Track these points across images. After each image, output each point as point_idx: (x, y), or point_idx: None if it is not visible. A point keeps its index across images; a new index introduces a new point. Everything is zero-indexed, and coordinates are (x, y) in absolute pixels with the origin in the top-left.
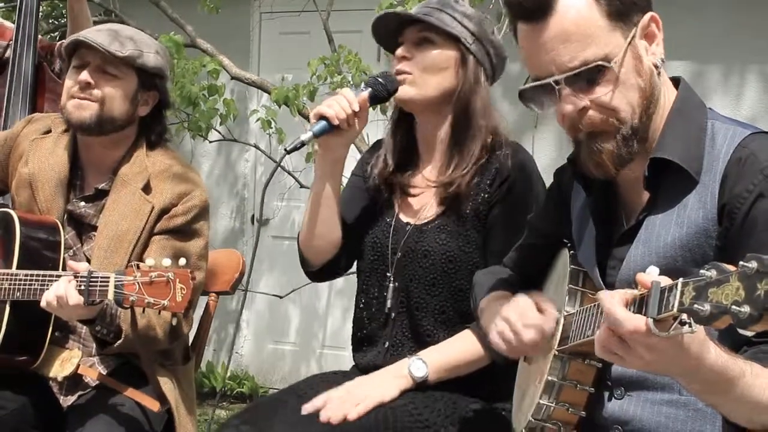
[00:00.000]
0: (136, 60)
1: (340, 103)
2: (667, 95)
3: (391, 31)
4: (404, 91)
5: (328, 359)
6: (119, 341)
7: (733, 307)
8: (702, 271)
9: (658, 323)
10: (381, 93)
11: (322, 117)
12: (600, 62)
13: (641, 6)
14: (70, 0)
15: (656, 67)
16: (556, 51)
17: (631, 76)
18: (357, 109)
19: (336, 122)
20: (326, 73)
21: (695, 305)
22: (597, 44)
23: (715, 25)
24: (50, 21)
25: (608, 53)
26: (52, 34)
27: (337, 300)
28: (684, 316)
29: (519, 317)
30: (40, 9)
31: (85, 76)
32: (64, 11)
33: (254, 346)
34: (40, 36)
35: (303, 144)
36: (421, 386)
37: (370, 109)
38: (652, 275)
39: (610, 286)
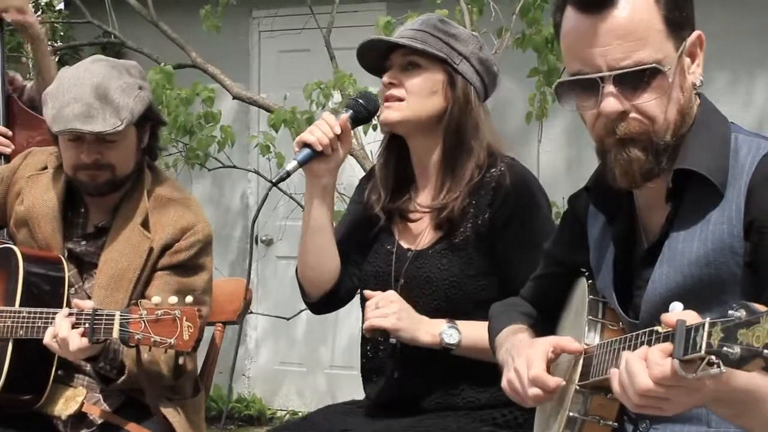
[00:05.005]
0: (132, 120)
1: (321, 128)
2: (694, 113)
3: (378, 57)
4: (393, 115)
5: (336, 380)
6: (123, 377)
7: (766, 351)
8: (730, 311)
9: (685, 364)
10: (362, 114)
11: (305, 144)
12: (656, 65)
13: (691, 23)
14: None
15: (695, 86)
16: (609, 46)
17: (676, 90)
18: (339, 132)
19: (319, 148)
20: (322, 97)
21: (724, 348)
22: (652, 47)
23: (720, 29)
24: (48, 45)
25: (662, 59)
26: (51, 57)
27: (344, 319)
28: (712, 358)
29: (526, 369)
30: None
31: (88, 157)
32: (62, 33)
33: (261, 367)
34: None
35: (289, 174)
36: (443, 351)
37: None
38: (675, 312)
39: (637, 308)
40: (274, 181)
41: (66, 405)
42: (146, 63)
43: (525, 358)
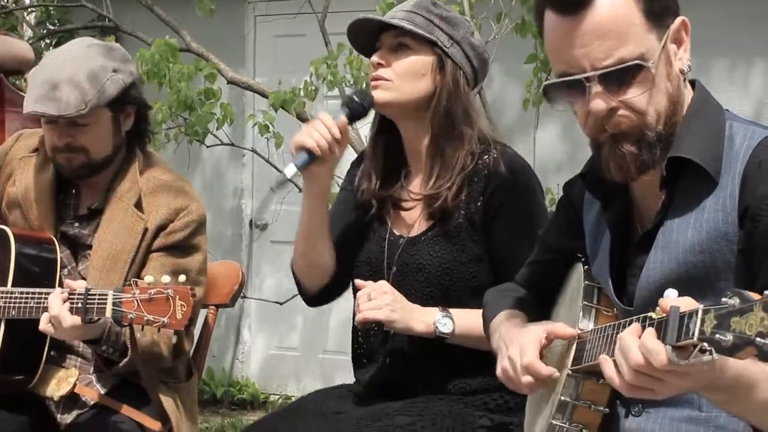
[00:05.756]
0: (99, 103)
1: (320, 131)
2: (687, 100)
3: (370, 37)
4: (381, 96)
5: (330, 364)
6: (126, 359)
7: (758, 339)
8: (724, 299)
9: (678, 350)
10: (358, 111)
11: (302, 148)
12: (638, 61)
13: (674, 9)
14: None
15: (682, 72)
16: (590, 46)
17: (662, 80)
18: (338, 135)
19: (318, 152)
20: (329, 74)
21: (717, 335)
22: (633, 43)
23: (718, 17)
24: (43, 28)
25: (644, 53)
26: (46, 41)
27: (339, 304)
28: (705, 345)
29: (519, 357)
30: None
31: (60, 140)
32: (57, 18)
33: (255, 352)
34: None
35: (288, 180)
36: (437, 341)
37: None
38: (670, 298)
39: (631, 296)
40: (273, 187)
41: (58, 386)
42: (141, 47)
43: (518, 346)
